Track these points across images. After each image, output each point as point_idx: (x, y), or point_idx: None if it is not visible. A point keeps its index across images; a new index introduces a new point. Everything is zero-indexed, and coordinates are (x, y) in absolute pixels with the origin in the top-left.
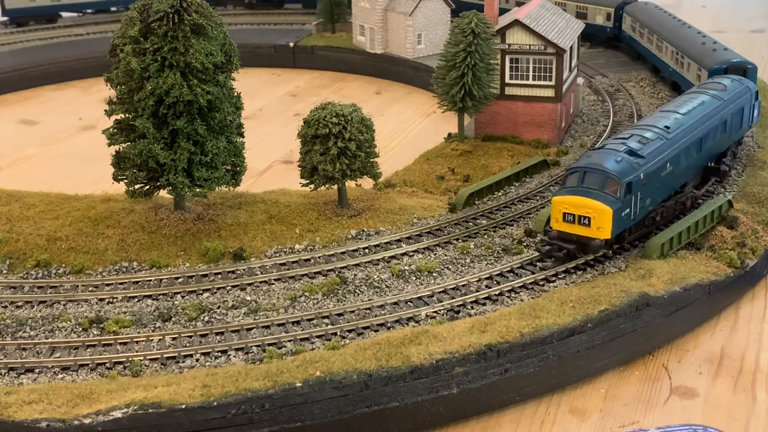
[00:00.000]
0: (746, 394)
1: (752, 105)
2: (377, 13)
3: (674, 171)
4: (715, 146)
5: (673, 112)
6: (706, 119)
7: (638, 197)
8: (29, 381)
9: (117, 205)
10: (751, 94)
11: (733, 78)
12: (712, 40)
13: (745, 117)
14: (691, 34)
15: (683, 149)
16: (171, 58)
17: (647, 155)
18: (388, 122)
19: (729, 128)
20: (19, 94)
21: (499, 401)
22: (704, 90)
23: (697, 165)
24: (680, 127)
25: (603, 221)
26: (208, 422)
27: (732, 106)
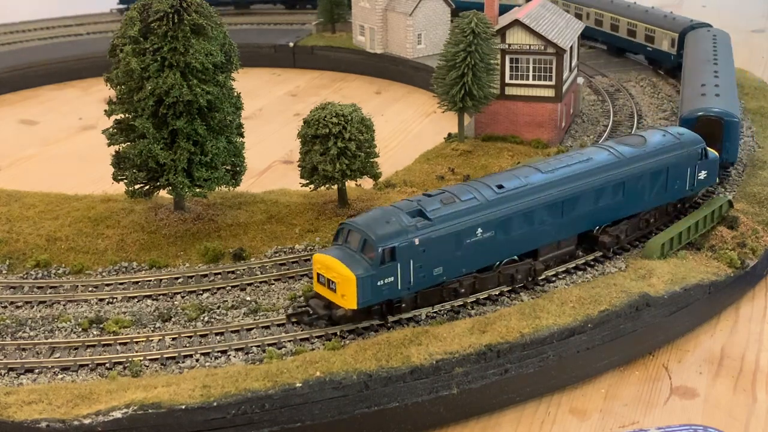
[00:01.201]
0: (746, 394)
1: (698, 165)
2: (377, 13)
3: (497, 237)
4: (602, 211)
5: (534, 169)
6: (575, 180)
7: (412, 265)
8: (29, 381)
9: (117, 205)
10: (695, 152)
11: (676, 132)
12: (715, 83)
13: (687, 178)
14: (706, 71)
15: (517, 214)
16: (171, 58)
17: (437, 218)
18: (388, 122)
19: (638, 191)
20: (19, 94)
21: (499, 401)
22: (609, 146)
23: (561, 231)
24: (521, 188)
25: (347, 289)
26: (208, 422)
27: (649, 166)
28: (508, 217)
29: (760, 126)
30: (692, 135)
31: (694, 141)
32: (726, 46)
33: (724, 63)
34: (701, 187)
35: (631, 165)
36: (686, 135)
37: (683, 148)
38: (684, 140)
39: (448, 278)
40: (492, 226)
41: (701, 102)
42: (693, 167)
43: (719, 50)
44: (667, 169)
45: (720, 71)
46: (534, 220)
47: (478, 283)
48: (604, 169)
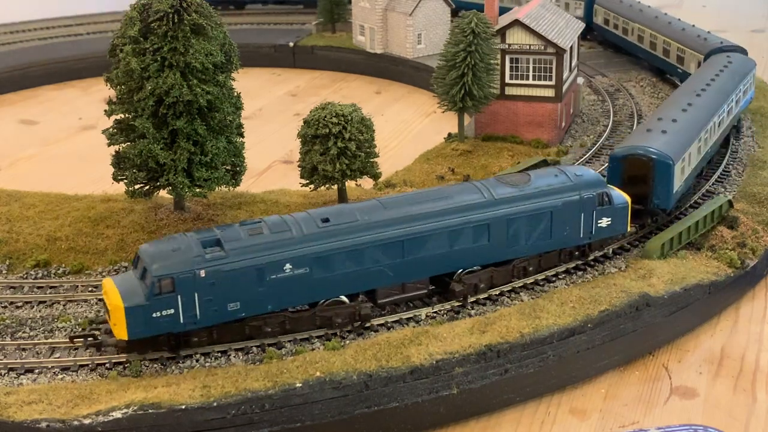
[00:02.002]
0: (746, 394)
1: (596, 211)
2: (377, 13)
3: (314, 275)
4: (461, 255)
5: (379, 204)
6: (422, 219)
7: (198, 299)
8: (29, 381)
9: (117, 205)
10: (591, 197)
11: (573, 173)
12: (674, 118)
13: (580, 225)
14: (678, 103)
15: (341, 251)
16: (171, 58)
17: (235, 250)
18: (388, 122)
19: (509, 236)
20: (19, 94)
21: (499, 401)
22: (482, 184)
23: (405, 273)
24: (350, 223)
25: (118, 318)
26: (208, 423)
27: (524, 209)
28: (328, 254)
29: (760, 126)
30: (593, 177)
31: (593, 184)
32: (736, 75)
33: (712, 95)
34: (604, 236)
35: (499, 206)
36: (585, 177)
37: (575, 191)
38: (579, 183)
39: (249, 315)
40: (306, 262)
41: (639, 139)
42: (589, 213)
43: (722, 79)
44: (550, 213)
45: (696, 104)
46: (365, 260)
47: (290, 323)
48: (462, 209)
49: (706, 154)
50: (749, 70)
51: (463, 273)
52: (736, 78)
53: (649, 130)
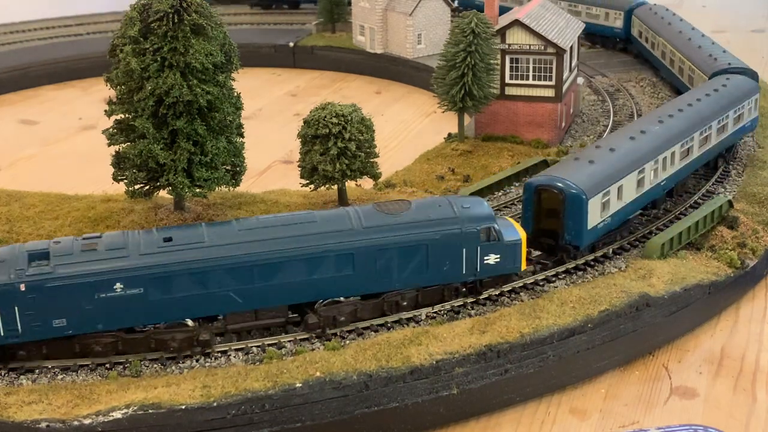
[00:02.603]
0: (746, 394)
1: (481, 247)
2: (377, 13)
3: (149, 297)
4: (322, 284)
5: (235, 224)
6: (276, 244)
7: (19, 312)
8: (29, 381)
9: (117, 205)
10: (474, 232)
11: (460, 205)
12: (611, 147)
13: (462, 261)
14: (628, 132)
15: (181, 273)
16: (171, 58)
17: (60, 265)
18: (388, 122)
19: (378, 268)
20: (19, 94)
21: (499, 401)
22: (354, 210)
23: (256, 299)
24: (194, 244)
25: None
26: (208, 423)
27: (394, 240)
28: (165, 275)
29: (760, 126)
30: (480, 211)
31: (478, 218)
32: (725, 100)
33: (679, 122)
34: (493, 274)
35: (366, 236)
36: (471, 210)
37: (457, 224)
38: (462, 215)
39: (76, 332)
40: (140, 282)
41: (559, 169)
42: (473, 249)
43: (704, 104)
44: (426, 247)
45: (651, 132)
46: (209, 284)
47: (123, 343)
48: (324, 236)
49: (659, 186)
50: (747, 95)
51: (324, 303)
52: (723, 103)
53: (577, 159)
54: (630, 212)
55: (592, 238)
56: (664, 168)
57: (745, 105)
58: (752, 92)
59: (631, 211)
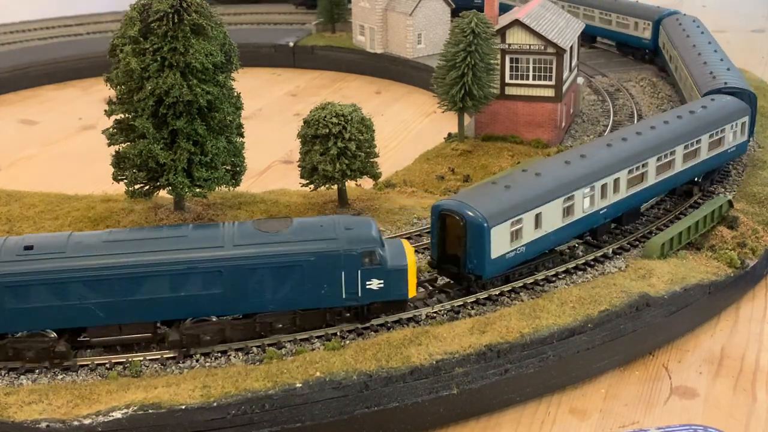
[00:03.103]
0: (746, 394)
1: (363, 272)
2: (377, 12)
3: (5, 305)
4: (189, 302)
5: (102, 237)
6: (137, 256)
7: None
8: (29, 381)
9: (117, 205)
10: (355, 255)
11: (343, 226)
12: (537, 171)
13: (342, 284)
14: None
15: (35, 283)
16: (171, 58)
17: None
18: (388, 122)
19: (250, 287)
20: (19, 94)
21: (499, 401)
22: (234, 228)
23: (120, 314)
24: (55, 253)
25: None
26: (208, 423)
27: (264, 260)
28: (21, 284)
29: (760, 126)
30: (364, 233)
31: (360, 241)
32: (701, 123)
33: (632, 145)
34: (378, 300)
35: (235, 253)
36: (354, 232)
37: (336, 246)
38: (344, 237)
39: None
40: None
41: (468, 194)
42: (352, 273)
43: (670, 127)
44: (301, 268)
45: (592, 157)
46: (69, 295)
47: None
48: (191, 252)
49: (597, 215)
50: (731, 118)
51: (193, 321)
52: (695, 126)
53: (494, 183)
54: (555, 242)
55: (499, 269)
56: (605, 195)
57: (728, 129)
58: (739, 115)
59: (557, 241)
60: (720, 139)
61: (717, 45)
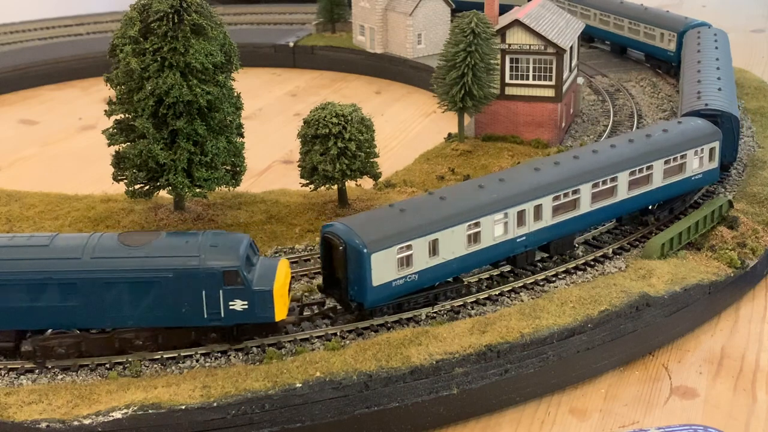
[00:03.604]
0: (746, 394)
1: (225, 291)
2: (377, 12)
3: None
4: (42, 313)
5: None
6: None
7: None
8: (29, 382)
9: (117, 205)
10: (216, 273)
11: (209, 243)
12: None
13: (203, 303)
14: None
15: None
16: (171, 59)
17: None
18: (388, 122)
19: (105, 301)
20: (19, 94)
21: (499, 402)
22: (95, 240)
23: None
24: None
25: None
26: (208, 423)
27: (118, 273)
28: None
29: (760, 126)
30: (231, 252)
31: (223, 260)
32: (654, 147)
33: (551, 173)
34: (244, 321)
35: (91, 266)
36: (219, 250)
37: (196, 264)
38: (206, 255)
39: None
40: None
41: (358, 217)
42: (213, 292)
43: (616, 151)
44: (160, 284)
45: (512, 181)
46: None
47: None
48: (47, 263)
49: (513, 242)
50: (695, 143)
51: (53, 333)
52: (647, 151)
53: (391, 205)
54: (458, 270)
55: (383, 297)
56: (523, 223)
57: (690, 154)
58: (706, 140)
59: (460, 269)
60: (680, 165)
61: (727, 62)
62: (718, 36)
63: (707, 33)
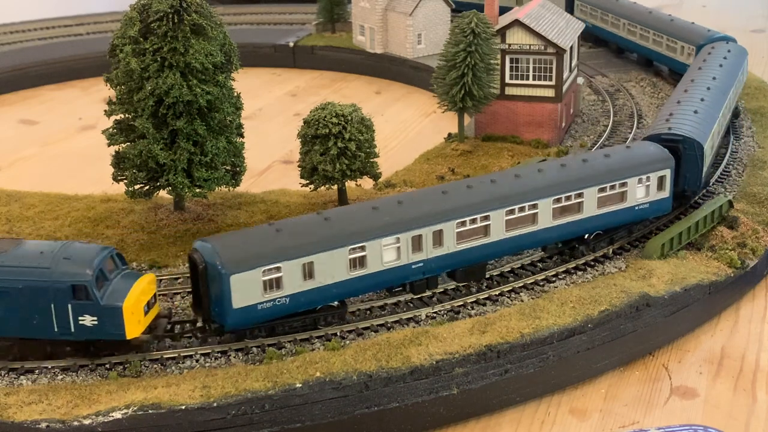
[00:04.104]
0: (746, 394)
1: (74, 305)
2: (377, 12)
3: None
4: None
5: None
6: None
7: None
8: (29, 382)
9: (117, 206)
10: (65, 286)
11: (67, 255)
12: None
13: (53, 317)
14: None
15: None
16: (171, 59)
17: None
18: (388, 122)
19: None
20: (19, 94)
21: (499, 402)
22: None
23: None
24: None
25: None
26: (208, 423)
27: None
28: None
29: (760, 126)
30: (83, 265)
31: (73, 273)
32: (583, 171)
33: (459, 197)
34: (93, 337)
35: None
36: (71, 262)
37: (45, 276)
38: (57, 267)
39: None
40: None
41: (231, 235)
42: (63, 306)
43: (535, 176)
44: (9, 294)
45: (406, 204)
46: None
47: None
48: None
49: (408, 268)
50: (638, 170)
51: None
52: (579, 177)
53: (270, 224)
54: (339, 295)
55: (247, 320)
56: (420, 248)
57: (633, 182)
58: (654, 167)
59: (342, 293)
60: (621, 193)
61: (727, 80)
62: (732, 52)
63: (720, 48)
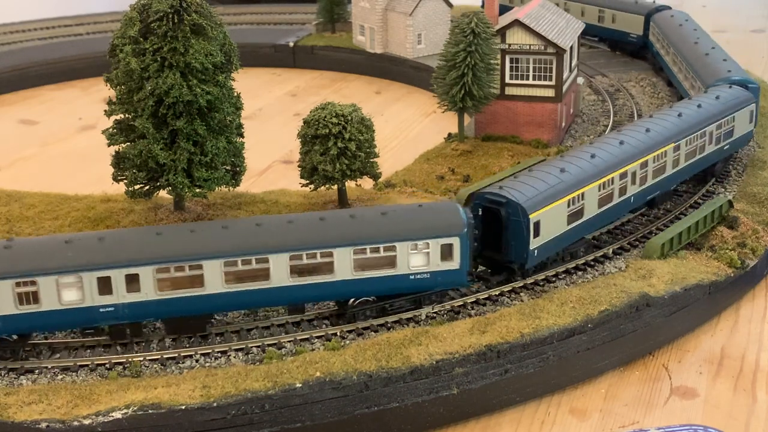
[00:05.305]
0: (746, 394)
1: None
2: (377, 12)
3: None
4: None
5: None
6: None
7: None
8: (29, 382)
9: (117, 206)
10: None
11: None
12: None
13: None
14: None
15: None
16: (171, 59)
17: None
18: (388, 122)
19: None
20: (19, 94)
21: (499, 402)
22: None
23: None
24: None
25: None
26: (208, 423)
27: None
28: None
29: (760, 126)
30: None
31: None
32: None
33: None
34: None
35: None
36: None
37: None
38: None
39: None
40: None
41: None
42: None
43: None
44: None
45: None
46: None
47: None
48: None
49: (92, 312)
50: (409, 236)
51: None
52: (325, 236)
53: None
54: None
55: None
56: (110, 291)
57: (404, 248)
58: (435, 232)
59: (8, 330)
60: (389, 258)
61: (660, 137)
62: (729, 99)
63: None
